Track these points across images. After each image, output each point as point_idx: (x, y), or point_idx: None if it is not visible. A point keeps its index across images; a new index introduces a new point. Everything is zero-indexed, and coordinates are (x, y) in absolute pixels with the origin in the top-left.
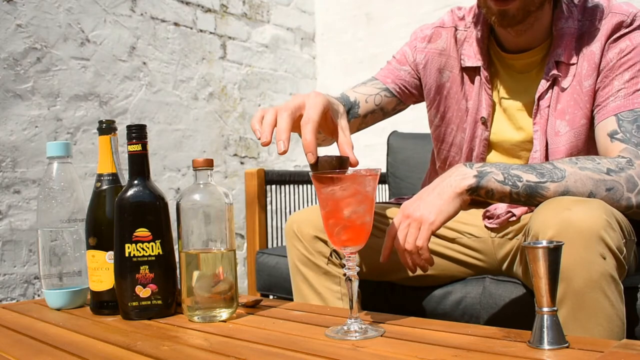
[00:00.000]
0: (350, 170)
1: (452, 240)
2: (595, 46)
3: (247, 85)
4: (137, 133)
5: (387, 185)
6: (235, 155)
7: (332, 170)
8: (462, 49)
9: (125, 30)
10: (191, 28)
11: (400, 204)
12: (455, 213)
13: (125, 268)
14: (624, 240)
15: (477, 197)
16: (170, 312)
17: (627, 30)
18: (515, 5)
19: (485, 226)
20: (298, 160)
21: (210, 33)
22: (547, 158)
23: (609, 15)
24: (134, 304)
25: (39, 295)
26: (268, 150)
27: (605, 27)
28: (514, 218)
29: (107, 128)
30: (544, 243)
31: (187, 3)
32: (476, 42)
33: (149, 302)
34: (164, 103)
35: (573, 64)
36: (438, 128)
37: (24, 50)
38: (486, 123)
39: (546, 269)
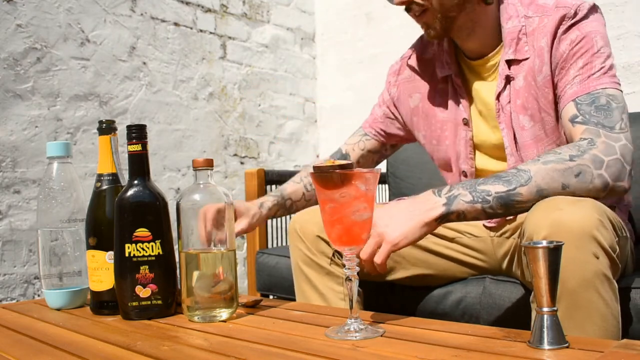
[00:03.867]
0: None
1: (451, 240)
2: (544, 41)
3: (247, 85)
4: (137, 133)
5: (387, 185)
6: (235, 155)
7: (332, 169)
8: (435, 64)
9: (125, 30)
10: (191, 28)
11: None
12: (420, 239)
13: (125, 268)
14: (617, 239)
15: (448, 222)
16: (170, 312)
17: (572, 21)
18: (427, 17)
19: (484, 225)
20: (298, 160)
21: (210, 33)
22: (518, 151)
23: (554, 9)
24: (134, 304)
25: (39, 295)
26: (268, 151)
27: (551, 21)
28: (511, 217)
29: (107, 128)
30: (544, 243)
31: (187, 3)
32: (445, 54)
33: (149, 302)
34: (164, 103)
35: (525, 60)
36: (426, 145)
37: (24, 50)
38: (468, 124)
39: (546, 269)
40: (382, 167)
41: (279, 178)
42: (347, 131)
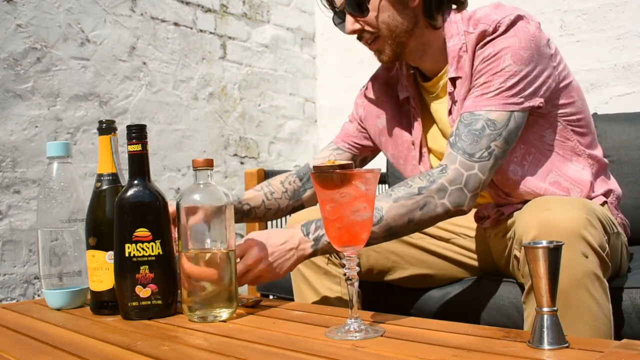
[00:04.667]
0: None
1: (447, 241)
2: (467, 56)
3: (247, 85)
4: (137, 133)
5: (387, 185)
6: (235, 155)
7: (332, 170)
8: (397, 87)
9: (125, 30)
10: (191, 28)
11: None
12: (290, 271)
13: (125, 268)
14: (606, 237)
15: (316, 256)
16: (170, 312)
17: (490, 38)
18: (379, 44)
19: (479, 226)
20: (298, 160)
21: (210, 33)
22: None
23: (478, 25)
24: (134, 304)
25: (39, 295)
26: (268, 151)
27: (473, 37)
28: (503, 217)
29: (107, 128)
30: (544, 243)
31: (187, 3)
32: (405, 77)
33: (149, 302)
34: (164, 103)
35: (461, 77)
36: (395, 165)
37: (24, 50)
38: (418, 144)
39: (546, 269)
40: (382, 167)
41: None
42: None
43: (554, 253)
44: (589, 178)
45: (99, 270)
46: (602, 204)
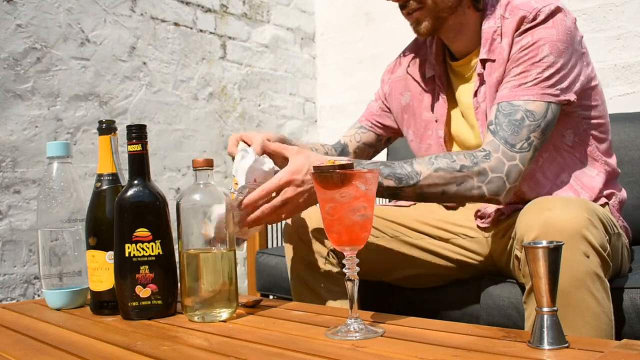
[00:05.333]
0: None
1: (446, 241)
2: (505, 41)
3: (247, 85)
4: (137, 133)
5: None
6: None
7: (332, 170)
8: (424, 65)
9: (125, 30)
10: (191, 28)
11: (401, 207)
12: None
13: (125, 268)
14: (607, 237)
15: None
16: (170, 312)
17: (529, 25)
18: (420, 15)
19: (478, 226)
20: None
21: (210, 33)
22: None
23: (516, 11)
24: (134, 304)
25: (39, 295)
26: None
27: (511, 22)
28: (503, 216)
29: (107, 128)
30: (544, 243)
31: (187, 3)
32: (433, 56)
33: (149, 302)
34: (164, 103)
35: (494, 60)
36: (411, 143)
37: (24, 50)
38: (439, 122)
39: (546, 269)
40: None
41: None
42: None
43: (554, 253)
44: (599, 185)
45: (99, 270)
46: (603, 205)
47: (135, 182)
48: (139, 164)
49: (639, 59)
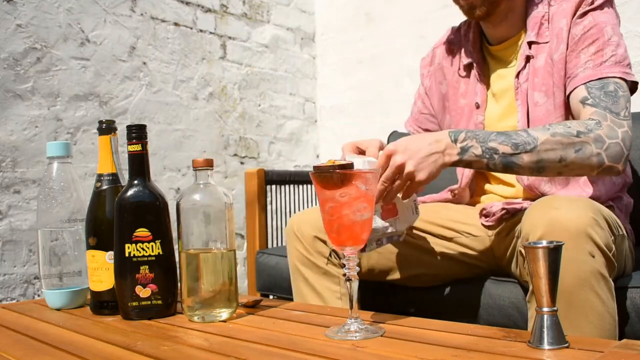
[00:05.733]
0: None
1: (450, 240)
2: (562, 22)
3: (247, 85)
4: (137, 133)
5: None
6: (235, 155)
7: (332, 170)
8: (460, 53)
9: (125, 30)
10: (191, 28)
11: None
12: (433, 179)
13: (125, 268)
14: (612, 237)
15: (456, 166)
16: (170, 312)
17: (588, 8)
18: (472, 1)
19: (482, 224)
20: (298, 160)
21: (210, 33)
22: (528, 126)
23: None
24: (134, 304)
25: (39, 295)
26: (268, 151)
27: (570, 5)
28: (507, 215)
29: (107, 128)
30: (544, 243)
31: (187, 3)
32: (470, 43)
33: (149, 302)
34: (164, 103)
35: (545, 43)
36: (448, 129)
37: (24, 50)
38: (480, 107)
39: (546, 269)
40: None
41: (279, 178)
42: (347, 131)
43: (554, 253)
44: (608, 188)
45: (99, 270)
46: (609, 207)
47: (135, 182)
48: (139, 164)
49: (639, 59)
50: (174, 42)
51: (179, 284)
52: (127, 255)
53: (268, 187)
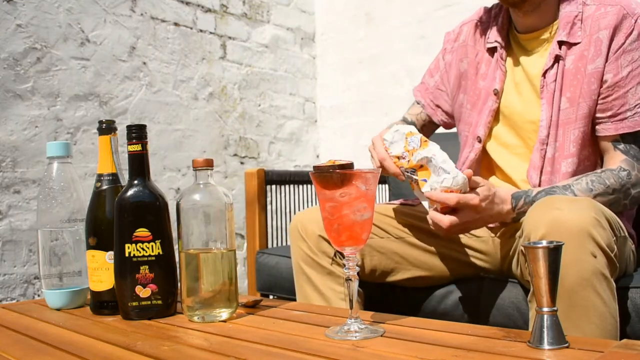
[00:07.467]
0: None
1: (453, 240)
2: (603, 34)
3: (247, 85)
4: (137, 133)
5: (387, 185)
6: (235, 155)
7: (332, 169)
8: (486, 34)
9: (125, 30)
10: (191, 28)
11: (405, 205)
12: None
13: (125, 268)
14: (614, 238)
15: None
16: (170, 312)
17: (637, 33)
18: None
19: (487, 227)
20: (298, 160)
21: (210, 33)
22: (550, 128)
23: (618, 7)
24: (134, 304)
25: (39, 295)
26: (268, 150)
27: (614, 17)
28: None
29: (107, 128)
30: (544, 243)
31: (187, 3)
32: (497, 26)
33: (149, 302)
34: (164, 103)
35: (576, 44)
36: (461, 108)
37: (24, 50)
38: (498, 94)
39: (546, 269)
40: None
41: (279, 178)
42: (347, 131)
43: (554, 253)
44: None
45: (99, 270)
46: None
47: (135, 182)
48: (139, 164)
49: None
50: (174, 42)
51: (179, 284)
52: (127, 255)
53: (268, 187)
